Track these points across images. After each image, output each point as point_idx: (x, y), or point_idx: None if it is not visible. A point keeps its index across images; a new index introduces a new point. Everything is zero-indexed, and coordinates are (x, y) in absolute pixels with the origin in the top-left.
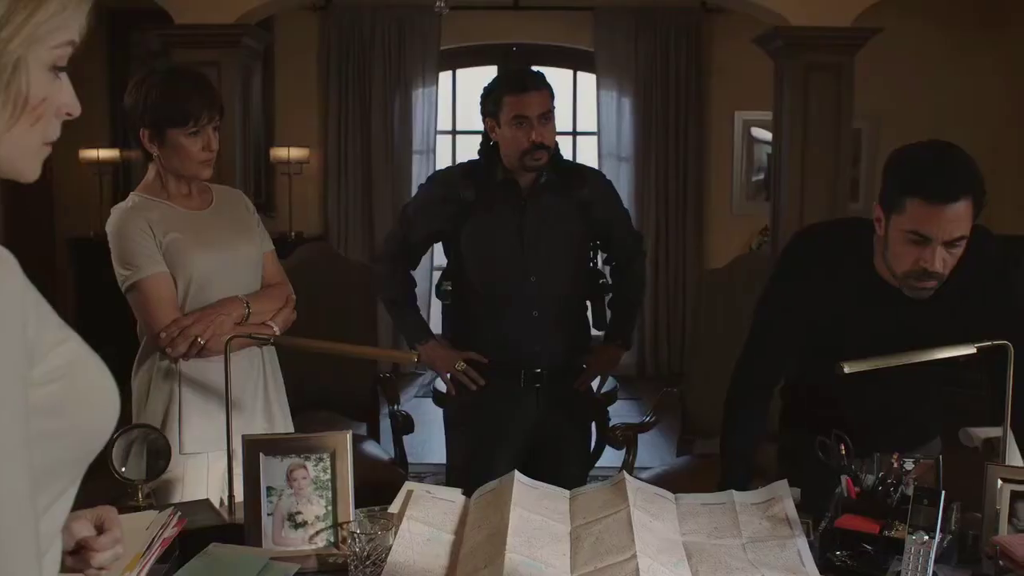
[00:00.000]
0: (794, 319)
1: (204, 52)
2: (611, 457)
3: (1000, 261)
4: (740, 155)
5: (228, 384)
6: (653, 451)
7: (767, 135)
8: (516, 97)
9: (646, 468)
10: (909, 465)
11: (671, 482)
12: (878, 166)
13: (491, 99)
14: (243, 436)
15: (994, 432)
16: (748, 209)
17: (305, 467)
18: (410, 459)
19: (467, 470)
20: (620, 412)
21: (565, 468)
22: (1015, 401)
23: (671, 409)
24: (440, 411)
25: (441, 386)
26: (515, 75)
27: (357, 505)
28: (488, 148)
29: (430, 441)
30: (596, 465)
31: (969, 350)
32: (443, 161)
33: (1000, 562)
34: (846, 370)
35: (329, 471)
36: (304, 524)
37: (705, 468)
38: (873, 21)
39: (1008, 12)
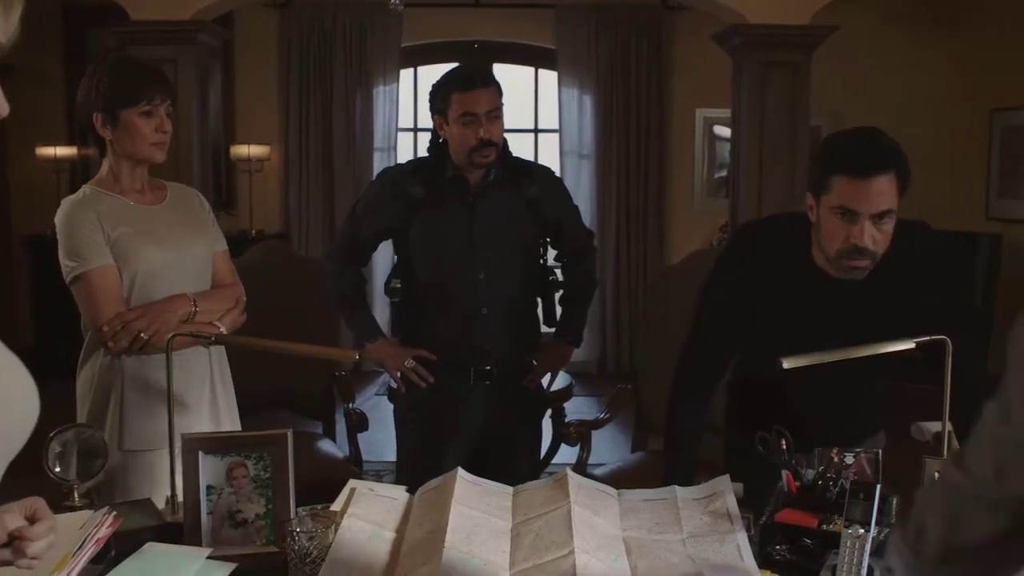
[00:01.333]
0: (735, 309)
1: (161, 49)
2: (567, 454)
3: (942, 254)
4: (701, 152)
5: (169, 382)
6: (610, 447)
7: (728, 132)
8: (464, 95)
9: (601, 465)
10: (849, 459)
11: (624, 479)
12: None
13: (439, 97)
14: (182, 435)
15: (938, 426)
16: (709, 206)
17: (245, 465)
18: (369, 457)
19: (416, 467)
20: (580, 408)
21: (515, 465)
22: (956, 394)
23: (626, 405)
24: None
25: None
26: (463, 72)
27: (310, 503)
28: (437, 145)
29: (387, 439)
30: (552, 462)
31: (907, 345)
32: (404, 159)
33: None
34: (785, 365)
35: (270, 469)
36: (244, 523)
37: (658, 464)
38: (830, 19)
39: (961, 9)
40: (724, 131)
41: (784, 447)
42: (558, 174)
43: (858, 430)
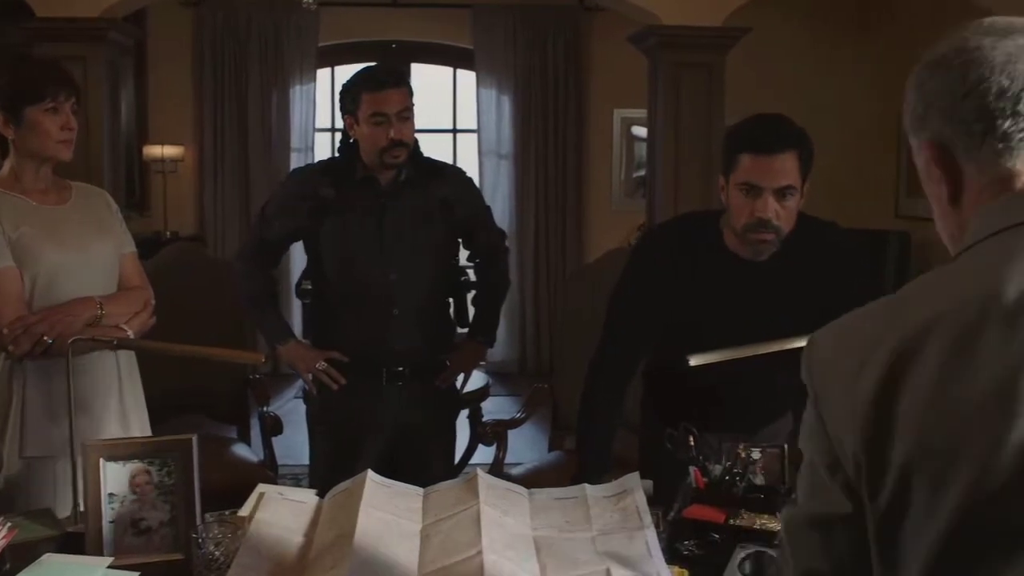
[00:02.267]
0: (644, 313)
1: (69, 46)
2: (485, 454)
3: (851, 253)
4: (619, 152)
5: (70, 387)
6: (528, 446)
7: (645, 132)
8: (374, 95)
9: (518, 464)
10: (756, 455)
11: (541, 477)
12: None
13: (349, 96)
14: (83, 441)
15: None
16: (627, 205)
17: (149, 472)
18: (286, 460)
19: (329, 470)
20: (501, 408)
21: (430, 466)
22: None
23: (543, 405)
24: None
25: None
26: (373, 72)
27: (223, 508)
28: (348, 146)
29: (305, 442)
30: (470, 463)
31: (790, 345)
32: (321, 159)
33: None
34: (692, 362)
35: (174, 475)
36: (148, 531)
37: (575, 463)
38: (744, 21)
39: (871, 11)
40: (641, 131)
41: (692, 443)
42: (477, 174)
43: (767, 413)
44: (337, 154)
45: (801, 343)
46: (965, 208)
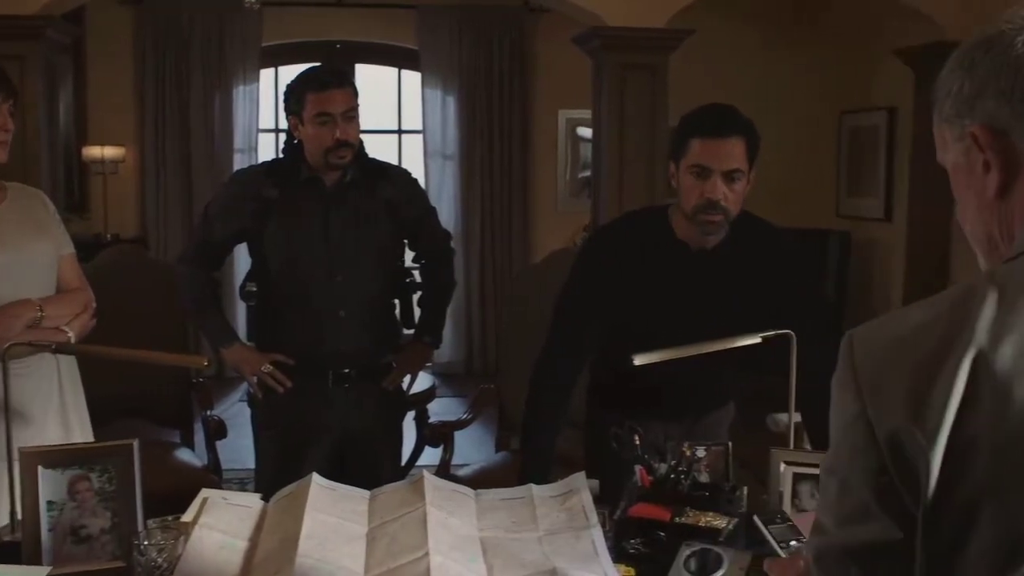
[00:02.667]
0: (592, 315)
1: (5, 45)
2: (432, 456)
3: (795, 250)
4: (564, 153)
5: (7, 392)
6: (475, 447)
7: (591, 133)
8: (318, 95)
9: (465, 465)
10: (700, 453)
11: (488, 478)
12: None
13: (294, 97)
14: (19, 448)
15: (798, 418)
16: (573, 206)
17: (88, 478)
18: (232, 464)
19: (275, 474)
20: (447, 409)
21: (377, 468)
22: (806, 385)
23: (489, 405)
24: None
25: None
26: (317, 73)
27: (166, 514)
28: (292, 146)
29: (251, 446)
30: (417, 464)
31: (754, 339)
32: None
33: None
34: (637, 362)
35: (115, 481)
36: (88, 538)
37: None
38: (688, 22)
39: (813, 15)
40: (586, 132)
41: (637, 442)
42: (422, 175)
43: (711, 400)
44: (281, 155)
45: (744, 342)
46: (1016, 200)
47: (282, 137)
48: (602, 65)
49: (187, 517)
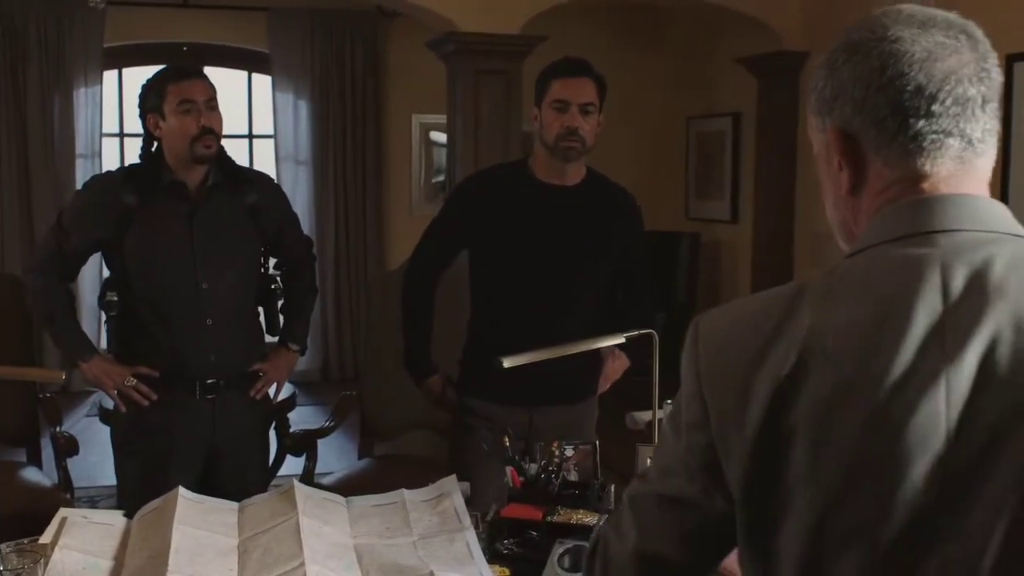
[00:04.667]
0: (459, 237)
1: None
2: (292, 465)
3: (635, 202)
4: (418, 157)
5: None
6: (336, 455)
7: (444, 137)
8: (179, 84)
9: (328, 473)
10: (569, 452)
11: (352, 485)
12: None
13: (153, 92)
14: None
15: (662, 414)
16: (427, 210)
17: None
18: (82, 482)
19: (141, 491)
20: (307, 417)
21: (245, 480)
22: (623, 312)
23: (351, 412)
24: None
25: (108, 403)
26: (175, 66)
27: (15, 537)
28: (150, 151)
29: (102, 462)
30: (279, 474)
31: (618, 340)
32: (110, 165)
33: None
34: (506, 364)
35: None
36: None
37: (385, 469)
38: (541, 29)
39: (661, 23)
40: (439, 136)
41: (507, 444)
42: (275, 181)
43: (575, 386)
44: (139, 160)
45: (607, 343)
46: (865, 200)
47: (128, 142)
48: (457, 70)
49: (45, 539)
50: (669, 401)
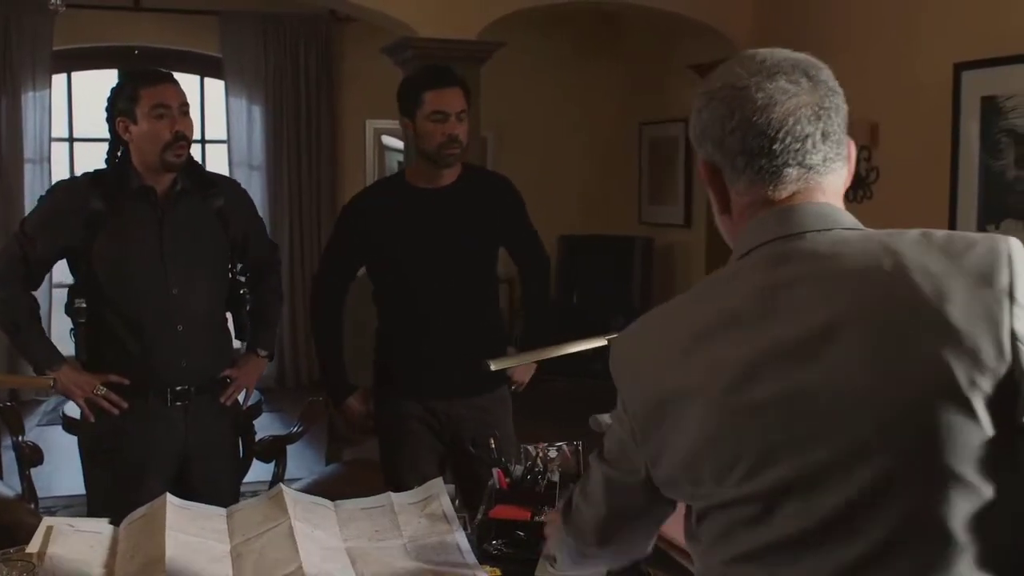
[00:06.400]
0: (353, 254)
1: None
2: (259, 472)
3: (514, 188)
4: (372, 163)
5: None
6: (301, 462)
7: (398, 143)
8: (154, 88)
9: (296, 479)
10: (553, 453)
11: (323, 491)
12: (503, 170)
13: (124, 96)
14: None
15: None
16: None
17: None
18: (38, 493)
19: (114, 500)
20: (264, 425)
21: (218, 487)
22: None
23: (318, 418)
24: (69, 438)
25: (73, 411)
26: (148, 70)
27: None
28: (117, 156)
29: (58, 472)
30: (244, 481)
31: (599, 342)
32: (59, 171)
33: None
34: (493, 367)
35: None
36: None
37: (355, 474)
38: (499, 35)
39: (619, 27)
40: (393, 142)
41: (493, 445)
42: (241, 185)
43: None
44: (105, 165)
45: (582, 347)
46: (735, 217)
47: (78, 147)
48: None
49: (32, 548)
50: None
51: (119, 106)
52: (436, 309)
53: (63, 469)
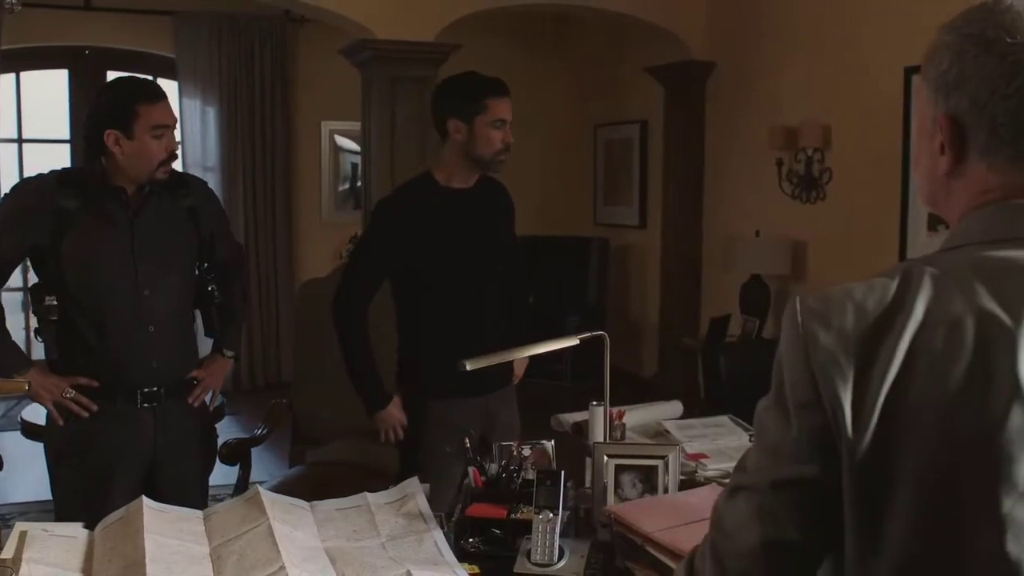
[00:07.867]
0: (384, 260)
1: None
2: (223, 475)
3: (512, 202)
4: (327, 164)
5: None
6: (263, 465)
7: (352, 144)
8: (152, 106)
9: (261, 482)
10: (527, 451)
11: (291, 493)
12: None
13: (120, 110)
14: None
15: (580, 417)
16: (338, 217)
17: None
18: None
19: (84, 504)
20: (223, 428)
21: (187, 489)
22: (511, 302)
23: (282, 420)
24: (24, 444)
25: (33, 416)
26: (144, 85)
27: None
28: (93, 156)
29: (12, 477)
30: (210, 484)
31: (572, 342)
32: (8, 172)
33: (613, 528)
34: (468, 367)
35: None
36: None
37: (320, 475)
38: (457, 37)
39: (574, 29)
40: (347, 143)
41: (468, 445)
42: (208, 184)
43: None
44: (83, 164)
45: (562, 344)
46: (960, 190)
47: (27, 148)
48: (372, 77)
49: (6, 554)
50: (595, 403)
51: (112, 119)
52: (478, 304)
53: (18, 474)
